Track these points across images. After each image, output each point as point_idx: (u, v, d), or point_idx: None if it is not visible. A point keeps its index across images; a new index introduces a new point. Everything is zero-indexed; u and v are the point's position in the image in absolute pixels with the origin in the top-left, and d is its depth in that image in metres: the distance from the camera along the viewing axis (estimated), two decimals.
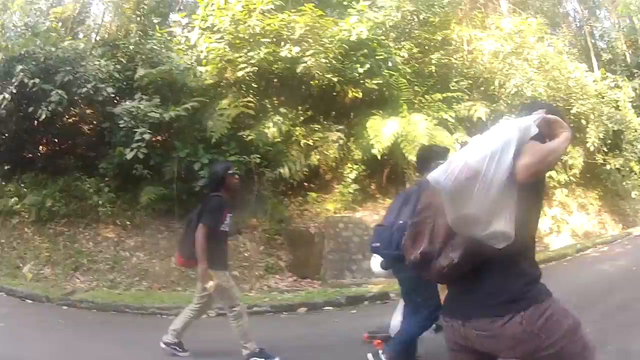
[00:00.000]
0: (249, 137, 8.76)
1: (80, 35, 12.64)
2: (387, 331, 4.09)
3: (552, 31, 14.69)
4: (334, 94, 9.56)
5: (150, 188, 8.44)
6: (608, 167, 12.72)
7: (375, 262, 3.61)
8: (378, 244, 3.43)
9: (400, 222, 3.24)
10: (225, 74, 9.65)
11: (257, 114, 9.36)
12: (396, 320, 3.86)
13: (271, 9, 9.31)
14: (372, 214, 9.19)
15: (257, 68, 9.17)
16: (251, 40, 9.14)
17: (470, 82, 10.37)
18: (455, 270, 1.70)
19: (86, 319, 6.02)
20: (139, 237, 8.58)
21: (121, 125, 8.26)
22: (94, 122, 9.80)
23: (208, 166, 7.97)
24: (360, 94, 9.38)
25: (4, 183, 8.99)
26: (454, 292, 1.87)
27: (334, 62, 9.29)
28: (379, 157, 8.84)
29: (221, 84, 9.79)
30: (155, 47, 9.87)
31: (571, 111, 11.21)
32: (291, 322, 6.02)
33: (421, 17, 10.59)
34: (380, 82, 9.29)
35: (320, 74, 9.08)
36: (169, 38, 10.36)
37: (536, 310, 1.68)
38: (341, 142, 9.44)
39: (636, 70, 18.70)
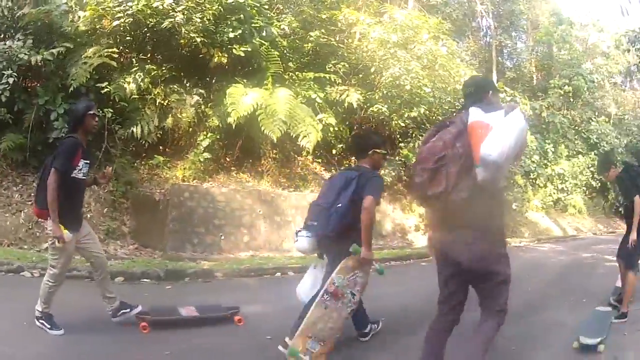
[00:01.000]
0: (106, 90, 8.24)
1: None
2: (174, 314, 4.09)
3: (456, 38, 14.85)
4: (200, 56, 8.98)
5: (11, 135, 7.87)
6: None
7: (303, 240, 3.54)
8: (315, 223, 3.48)
9: (339, 205, 3.37)
10: (103, 22, 9.02)
11: (121, 67, 8.82)
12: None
13: None
14: (221, 187, 8.68)
15: (132, 19, 8.69)
16: None
17: (348, 66, 10.10)
18: (462, 203, 2.32)
19: None
20: None
21: None
22: None
23: (63, 116, 7.71)
24: (226, 59, 8.84)
25: None
26: (447, 215, 2.46)
27: (206, 22, 8.80)
28: (233, 127, 8.38)
29: (97, 32, 9.14)
30: None
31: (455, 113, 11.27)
32: None
33: None
34: (249, 50, 8.82)
35: (187, 32, 8.59)
36: None
37: (496, 246, 2.52)
38: (201, 107, 8.88)
39: (540, 94, 19.56)
